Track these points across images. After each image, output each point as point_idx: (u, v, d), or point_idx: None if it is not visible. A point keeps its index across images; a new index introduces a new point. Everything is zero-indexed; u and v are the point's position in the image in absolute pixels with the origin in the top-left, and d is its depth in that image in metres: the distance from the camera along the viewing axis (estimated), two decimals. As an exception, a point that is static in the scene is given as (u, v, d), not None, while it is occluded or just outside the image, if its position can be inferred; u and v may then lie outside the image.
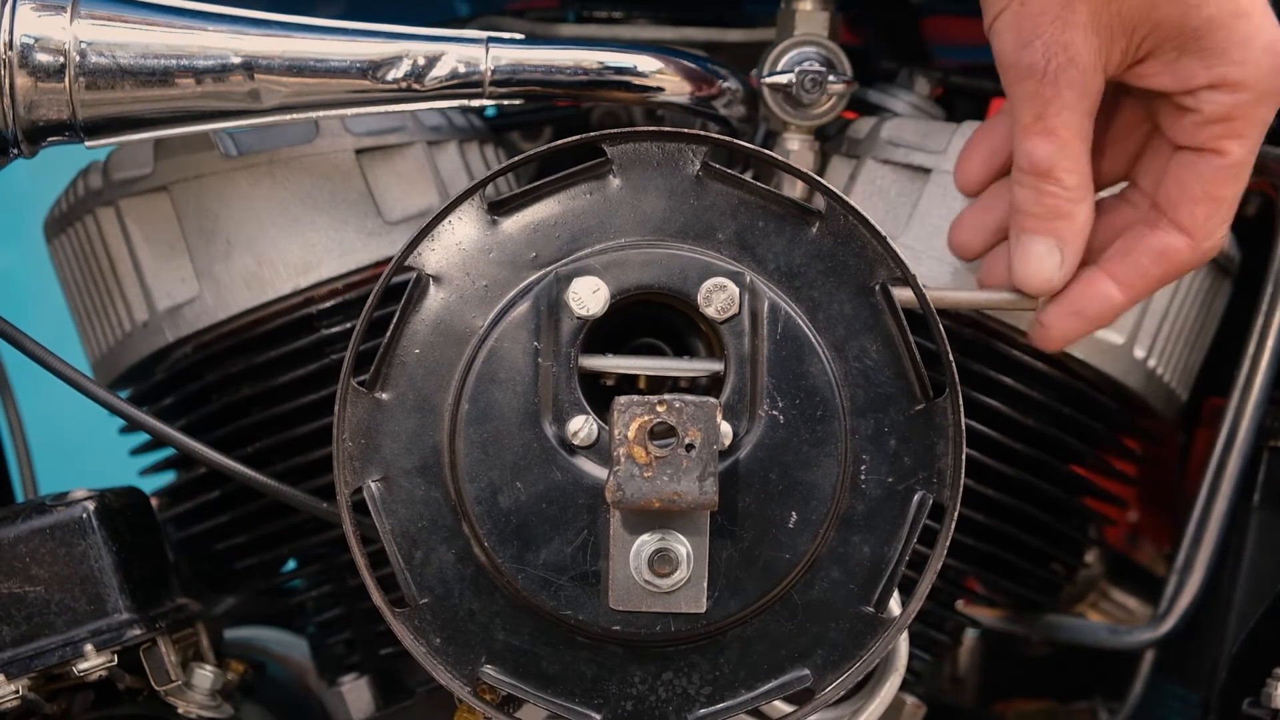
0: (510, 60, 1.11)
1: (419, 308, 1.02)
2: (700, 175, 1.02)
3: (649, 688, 1.02)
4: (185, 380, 1.24)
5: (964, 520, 1.18)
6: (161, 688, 1.14)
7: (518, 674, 1.02)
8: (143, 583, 1.14)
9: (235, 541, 1.25)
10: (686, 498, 0.95)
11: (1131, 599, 1.41)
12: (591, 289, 1.00)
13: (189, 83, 1.08)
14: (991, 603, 1.32)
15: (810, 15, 1.18)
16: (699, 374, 1.03)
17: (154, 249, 1.21)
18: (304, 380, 1.20)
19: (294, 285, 1.19)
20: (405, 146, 1.21)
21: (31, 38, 1.06)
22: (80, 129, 1.09)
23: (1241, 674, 1.20)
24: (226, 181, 1.19)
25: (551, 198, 1.03)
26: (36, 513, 1.12)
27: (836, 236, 1.02)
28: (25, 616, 1.11)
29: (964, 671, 1.47)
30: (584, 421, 1.00)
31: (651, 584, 0.98)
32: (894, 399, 1.01)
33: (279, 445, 1.21)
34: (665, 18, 1.30)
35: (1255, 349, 1.25)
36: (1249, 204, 1.35)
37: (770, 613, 1.01)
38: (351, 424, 1.01)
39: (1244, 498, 1.26)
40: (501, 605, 1.01)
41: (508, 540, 0.99)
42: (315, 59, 1.09)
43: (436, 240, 1.02)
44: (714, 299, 1.00)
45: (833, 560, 1.01)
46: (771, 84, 1.17)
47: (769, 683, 1.02)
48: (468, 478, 0.99)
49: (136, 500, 1.18)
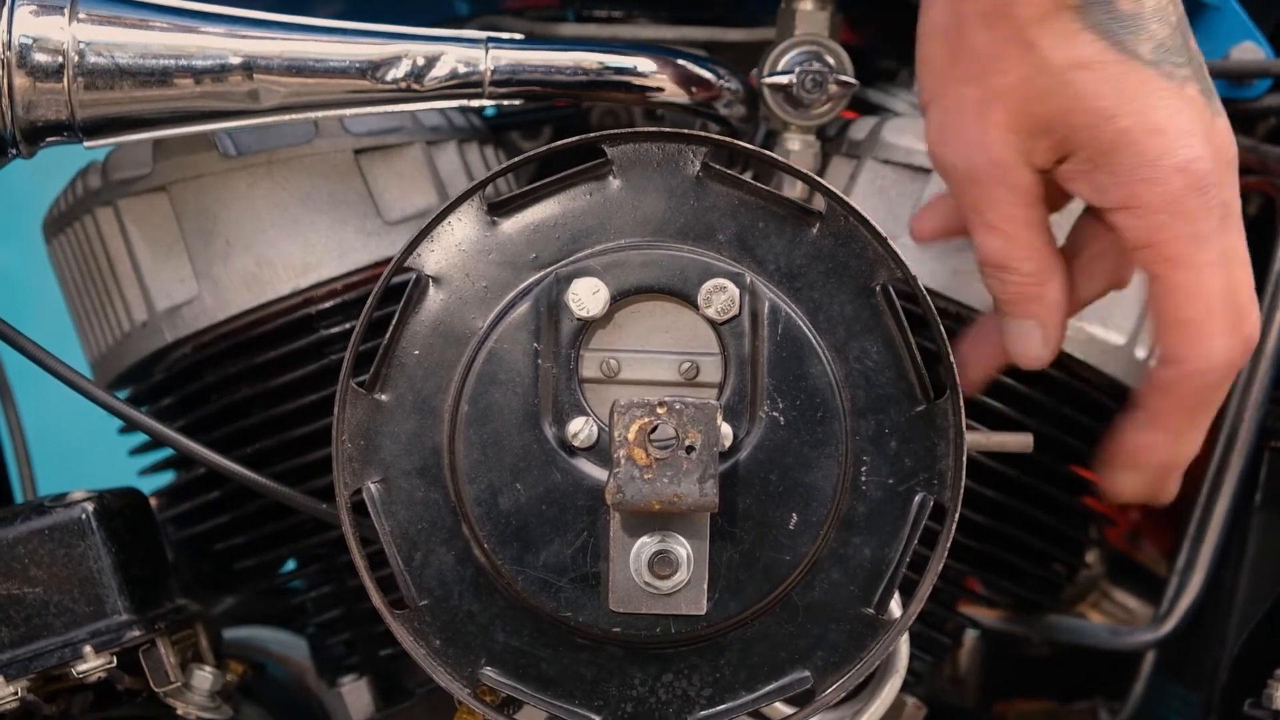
0: (510, 60, 1.11)
1: (419, 309, 1.02)
2: (700, 176, 1.02)
3: (649, 689, 1.02)
4: (184, 381, 1.24)
5: (964, 521, 1.18)
6: (161, 689, 1.14)
7: (517, 676, 1.02)
8: (142, 584, 1.14)
9: (234, 542, 1.25)
10: (687, 499, 0.95)
11: (1132, 599, 1.41)
12: (591, 290, 1.00)
13: (188, 83, 1.08)
14: (992, 603, 1.32)
15: (810, 15, 1.17)
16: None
17: (153, 249, 1.21)
18: (303, 381, 1.20)
19: (293, 286, 1.19)
20: (404, 147, 1.21)
21: (30, 38, 1.06)
22: (79, 129, 1.08)
23: (1243, 675, 1.20)
24: (225, 182, 1.19)
25: (551, 198, 1.02)
26: (35, 514, 1.12)
27: (837, 237, 1.02)
28: (24, 618, 1.11)
29: (964, 672, 1.47)
30: (584, 423, 0.99)
31: (651, 586, 0.98)
32: (895, 400, 1.01)
33: (278, 446, 1.20)
34: (665, 17, 1.29)
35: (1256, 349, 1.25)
36: (1250, 204, 1.35)
37: (770, 614, 1.01)
38: (351, 425, 1.01)
39: (1245, 498, 1.26)
40: (501, 607, 1.01)
41: (507, 542, 0.99)
42: (314, 59, 1.09)
43: (436, 241, 1.02)
44: (714, 300, 1.00)
45: (833, 562, 1.01)
46: (772, 84, 1.17)
47: (769, 684, 1.02)
48: (467, 479, 0.99)
49: (135, 501, 1.18)
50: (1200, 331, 1.01)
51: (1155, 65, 0.98)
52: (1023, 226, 1.03)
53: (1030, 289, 1.04)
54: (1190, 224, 0.99)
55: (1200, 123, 0.99)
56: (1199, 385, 1.03)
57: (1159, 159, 0.98)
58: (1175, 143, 0.98)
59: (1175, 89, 0.99)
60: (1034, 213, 1.03)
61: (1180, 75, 0.99)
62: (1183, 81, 0.99)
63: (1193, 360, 1.02)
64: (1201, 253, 1.00)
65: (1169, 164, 0.98)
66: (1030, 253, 1.03)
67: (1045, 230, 1.04)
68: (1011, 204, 1.02)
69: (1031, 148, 1.01)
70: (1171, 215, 0.99)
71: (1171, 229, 0.99)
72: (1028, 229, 1.03)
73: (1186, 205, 0.99)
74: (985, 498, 1.20)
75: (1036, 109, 0.99)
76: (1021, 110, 1.00)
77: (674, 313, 1.02)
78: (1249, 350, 1.03)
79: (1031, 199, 1.02)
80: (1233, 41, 1.24)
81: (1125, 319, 1.19)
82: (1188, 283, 1.00)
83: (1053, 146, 1.00)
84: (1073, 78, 0.98)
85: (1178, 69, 0.99)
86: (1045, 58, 0.98)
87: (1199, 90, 1.00)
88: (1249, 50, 1.24)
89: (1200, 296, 1.01)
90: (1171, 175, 0.98)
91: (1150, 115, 0.98)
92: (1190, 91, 0.99)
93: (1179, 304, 1.01)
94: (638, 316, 1.02)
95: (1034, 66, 0.98)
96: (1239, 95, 1.25)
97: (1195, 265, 1.00)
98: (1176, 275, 1.00)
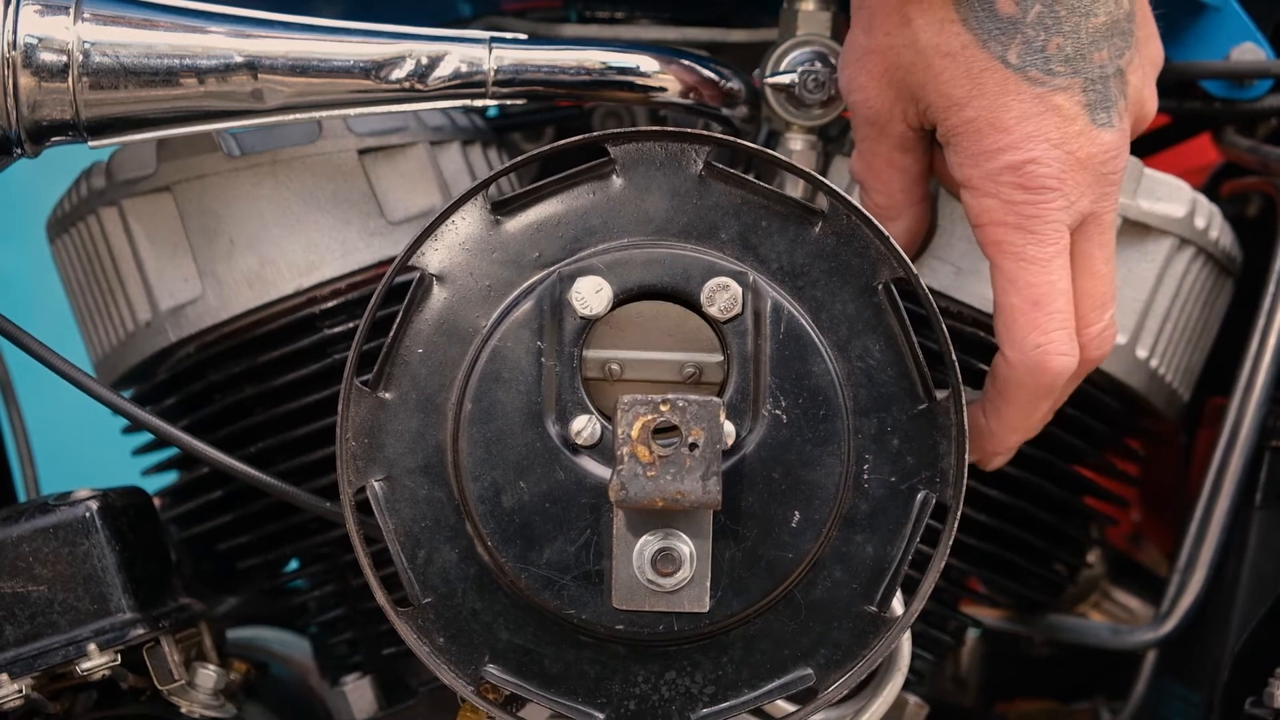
0: (513, 60, 1.12)
1: (422, 307, 1.02)
2: (703, 175, 1.02)
3: (652, 687, 1.02)
4: (188, 380, 1.24)
5: (966, 520, 1.18)
6: (164, 687, 1.14)
7: (521, 673, 1.02)
8: (146, 582, 1.14)
9: (238, 541, 1.25)
10: (690, 497, 0.96)
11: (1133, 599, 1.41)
12: (595, 289, 1.00)
13: (192, 82, 1.08)
14: (994, 603, 1.32)
15: (813, 15, 1.18)
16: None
17: (157, 249, 1.21)
18: (307, 380, 1.20)
19: (297, 285, 1.19)
20: (408, 147, 1.21)
21: (35, 38, 1.06)
22: (84, 129, 1.09)
23: (1244, 673, 1.20)
24: (229, 181, 1.20)
25: (554, 197, 1.03)
26: (40, 512, 1.12)
27: (839, 236, 1.02)
28: (28, 616, 1.11)
29: (966, 671, 1.47)
30: (587, 421, 1.00)
31: (654, 583, 0.98)
32: (897, 398, 1.01)
33: (282, 445, 1.21)
34: (667, 18, 1.30)
35: (1257, 349, 1.25)
36: (1250, 204, 1.35)
37: (773, 612, 1.01)
38: (355, 423, 1.02)
39: (1246, 498, 1.26)
40: (505, 605, 1.01)
41: (511, 539, 0.99)
42: (319, 59, 1.09)
43: (439, 240, 1.02)
44: (717, 299, 1.00)
45: (835, 560, 1.01)
46: (774, 84, 1.17)
47: (772, 682, 1.02)
48: (471, 477, 0.99)
49: (139, 500, 1.18)
50: (1017, 321, 1.05)
51: (1020, 70, 1.03)
52: (885, 164, 1.10)
53: (876, 218, 1.08)
54: (1018, 218, 1.03)
55: (1055, 130, 1.03)
56: (1012, 376, 1.06)
57: (997, 152, 1.03)
58: (1015, 141, 1.03)
59: (1036, 94, 1.03)
60: (899, 157, 1.10)
61: (1051, 84, 1.03)
62: (1051, 89, 1.03)
63: (1006, 347, 1.06)
64: (1031, 247, 1.04)
65: (1004, 160, 1.03)
66: (883, 188, 1.11)
67: (907, 174, 1.10)
68: (877, 143, 1.10)
69: (905, 109, 1.07)
70: (1000, 203, 1.04)
71: (998, 214, 1.04)
72: (889, 168, 1.10)
73: (1015, 199, 1.03)
74: (987, 496, 1.20)
75: (903, 77, 1.06)
76: (891, 74, 1.06)
77: (676, 316, 1.02)
78: (1082, 357, 1.06)
79: (901, 146, 1.09)
80: (1233, 42, 1.24)
81: (1125, 319, 1.19)
82: (1013, 270, 1.04)
83: (919, 114, 1.07)
84: (934, 61, 1.04)
85: (1050, 77, 1.03)
86: (916, 36, 1.04)
87: (1077, 100, 1.03)
88: (1249, 51, 1.24)
89: (1022, 287, 1.04)
90: (1004, 170, 1.03)
91: (998, 112, 1.03)
92: (1058, 100, 1.03)
93: (1003, 289, 1.05)
94: (640, 320, 1.02)
95: (905, 40, 1.05)
96: (1239, 96, 1.26)
97: (1023, 256, 1.04)
98: (1003, 261, 1.05)
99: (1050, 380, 1.05)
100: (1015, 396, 1.07)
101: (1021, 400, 1.07)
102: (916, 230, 1.13)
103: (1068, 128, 1.03)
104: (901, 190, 1.11)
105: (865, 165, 1.11)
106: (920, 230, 1.14)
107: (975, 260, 1.17)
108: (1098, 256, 1.06)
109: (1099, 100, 1.04)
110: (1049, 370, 1.05)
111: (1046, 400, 1.07)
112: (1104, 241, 1.07)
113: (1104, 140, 1.04)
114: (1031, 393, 1.06)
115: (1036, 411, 1.08)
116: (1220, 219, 1.24)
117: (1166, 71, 1.12)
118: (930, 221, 1.15)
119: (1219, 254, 1.24)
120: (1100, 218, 1.05)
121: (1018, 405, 1.07)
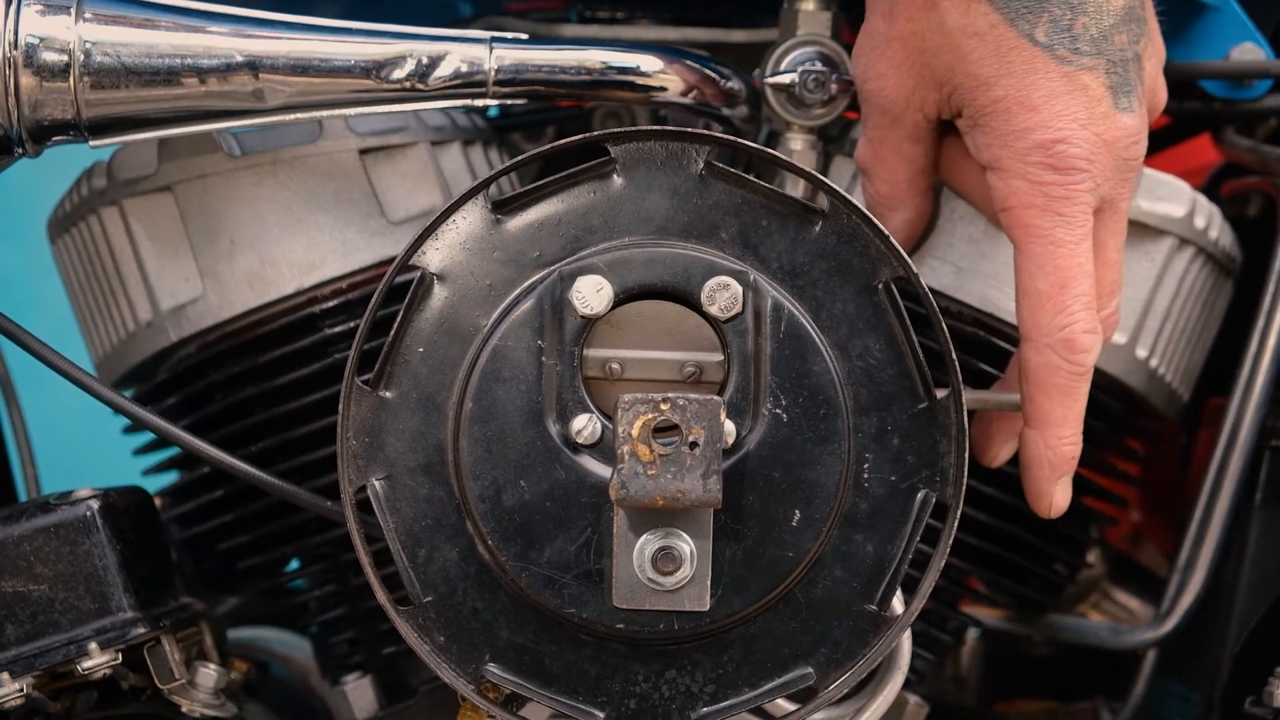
0: (514, 60, 1.12)
1: (423, 307, 1.02)
2: (704, 174, 1.02)
3: (652, 686, 1.02)
4: (189, 380, 1.24)
5: (966, 519, 1.18)
6: (165, 686, 1.14)
7: (521, 672, 1.02)
8: (147, 581, 1.14)
9: (238, 541, 1.25)
10: (690, 496, 0.96)
11: (1133, 599, 1.41)
12: (595, 288, 1.00)
13: (193, 82, 1.08)
14: (993, 602, 1.32)
15: (813, 15, 1.18)
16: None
17: (158, 249, 1.22)
18: (307, 380, 1.21)
19: (297, 285, 1.20)
20: (409, 146, 1.22)
21: (36, 37, 1.07)
22: (85, 128, 1.09)
23: (1244, 673, 1.21)
24: (230, 181, 1.20)
25: (555, 197, 1.03)
26: (40, 511, 1.12)
27: (840, 235, 1.02)
28: (29, 615, 1.12)
29: (966, 671, 1.47)
30: (588, 420, 1.00)
31: (655, 582, 0.98)
32: (897, 397, 1.01)
33: (282, 445, 1.21)
34: (668, 18, 1.30)
35: (1257, 349, 1.25)
36: (1250, 204, 1.35)
37: (773, 611, 1.02)
38: (355, 423, 1.02)
39: (1246, 497, 1.26)
40: (505, 603, 1.02)
41: (511, 538, 0.99)
42: (319, 59, 1.10)
43: (440, 239, 1.02)
44: (717, 298, 1.00)
45: (836, 559, 1.01)
46: (774, 84, 1.17)
47: (772, 681, 1.02)
48: (472, 476, 1.00)
49: (140, 500, 1.18)
50: (1044, 306, 1.04)
51: (1048, 48, 1.02)
52: (892, 153, 1.11)
53: (876, 205, 1.09)
54: (1047, 198, 1.03)
55: (1084, 110, 1.02)
56: (1045, 363, 1.04)
57: (1025, 131, 1.03)
58: (1044, 120, 1.02)
59: (1064, 73, 1.02)
60: (908, 147, 1.10)
61: (1078, 63, 1.02)
62: (1078, 69, 1.02)
63: (1033, 333, 1.04)
64: (1060, 229, 1.03)
65: (1034, 138, 1.03)
66: (888, 176, 1.11)
67: (913, 165, 1.10)
68: (890, 132, 1.10)
69: (925, 97, 1.07)
70: (1029, 184, 1.03)
71: (1027, 196, 1.03)
72: (896, 157, 1.11)
73: (1044, 180, 1.03)
74: (987, 496, 1.20)
75: (929, 61, 1.05)
76: (915, 60, 1.06)
77: (677, 315, 1.02)
78: (1104, 337, 1.06)
79: (913, 136, 1.10)
80: (1233, 42, 1.24)
81: (1126, 318, 1.19)
82: (1041, 254, 1.03)
83: (942, 100, 1.07)
84: (961, 42, 1.03)
85: (1077, 56, 1.02)
86: (943, 18, 1.04)
87: (1102, 82, 1.03)
88: (1249, 51, 1.24)
89: (1053, 270, 1.03)
90: (1033, 149, 1.03)
91: (1027, 91, 1.03)
92: (1085, 79, 1.02)
93: (1029, 274, 1.04)
94: (640, 319, 1.03)
95: (931, 23, 1.04)
96: (1239, 96, 1.26)
97: (1051, 239, 1.03)
98: (1031, 244, 1.04)
99: (1081, 358, 1.04)
100: (1053, 384, 1.04)
101: (1059, 386, 1.04)
102: (917, 223, 1.14)
103: (1095, 109, 1.03)
104: (906, 180, 1.11)
105: (873, 153, 1.11)
106: (920, 224, 1.14)
107: (975, 260, 1.17)
108: (1111, 245, 1.06)
109: (1121, 83, 1.03)
110: (1079, 347, 1.03)
111: (1083, 382, 1.05)
112: (1118, 230, 1.06)
113: (1126, 124, 1.04)
114: (1068, 375, 1.04)
115: (1078, 396, 1.05)
116: (1220, 219, 1.24)
117: (1167, 71, 1.12)
118: (931, 216, 1.15)
119: (1219, 254, 1.24)
120: (1117, 205, 1.05)
121: (1058, 393, 1.05)
